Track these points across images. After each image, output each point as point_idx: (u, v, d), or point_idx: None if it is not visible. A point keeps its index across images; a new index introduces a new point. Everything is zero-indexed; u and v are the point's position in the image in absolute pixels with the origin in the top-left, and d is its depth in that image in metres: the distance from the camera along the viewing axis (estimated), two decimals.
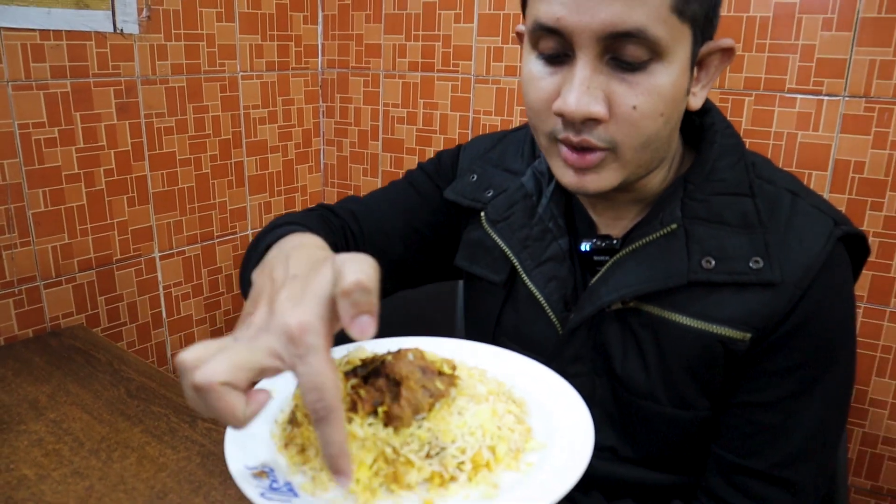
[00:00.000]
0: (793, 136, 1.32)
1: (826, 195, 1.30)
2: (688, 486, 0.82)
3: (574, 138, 0.68)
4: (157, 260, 1.57)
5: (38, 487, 0.90)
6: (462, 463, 0.56)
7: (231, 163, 1.68)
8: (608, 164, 0.70)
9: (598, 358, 0.81)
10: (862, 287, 1.31)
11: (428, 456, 0.56)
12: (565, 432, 0.61)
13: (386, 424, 0.57)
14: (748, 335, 0.72)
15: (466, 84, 1.66)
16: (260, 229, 1.70)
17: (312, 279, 0.50)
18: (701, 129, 0.79)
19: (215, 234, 1.68)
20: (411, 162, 1.79)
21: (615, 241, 0.80)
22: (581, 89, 0.65)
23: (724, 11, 1.31)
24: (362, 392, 0.59)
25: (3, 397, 1.12)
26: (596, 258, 0.80)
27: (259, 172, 1.76)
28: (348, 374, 0.62)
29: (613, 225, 0.83)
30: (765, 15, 1.29)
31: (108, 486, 0.91)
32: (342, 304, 0.48)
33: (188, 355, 0.47)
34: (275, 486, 0.54)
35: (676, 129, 0.74)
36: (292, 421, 0.61)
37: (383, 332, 0.75)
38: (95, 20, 1.35)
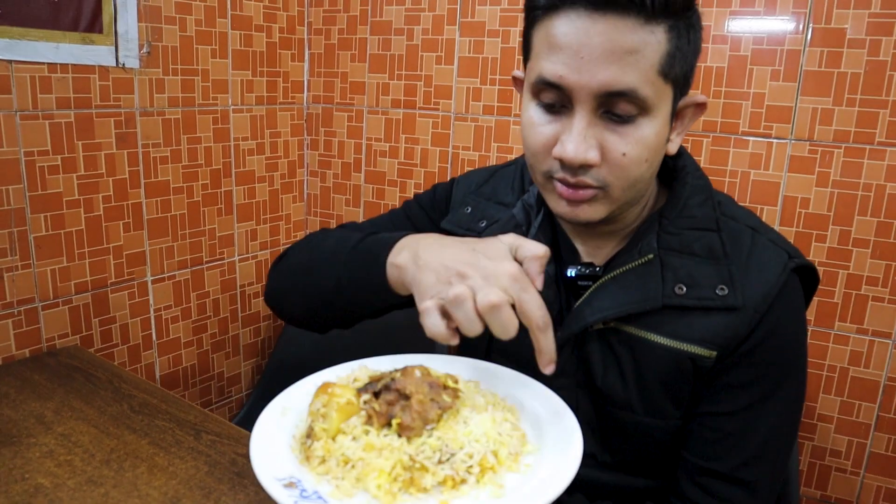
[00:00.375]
0: (746, 174, 1.45)
1: (776, 229, 1.43)
2: (660, 489, 0.92)
3: (571, 179, 0.79)
4: (150, 284, 1.62)
5: (55, 495, 0.95)
6: (470, 467, 0.64)
7: (221, 191, 1.75)
8: (599, 200, 0.80)
9: (580, 372, 0.90)
10: (808, 312, 1.43)
11: (440, 462, 0.64)
12: (555, 435, 0.71)
13: (399, 435, 0.65)
14: (714, 353, 0.82)
15: (446, 121, 1.77)
16: (246, 255, 1.77)
17: (491, 250, 0.72)
18: (674, 170, 0.90)
19: (204, 259, 1.74)
20: (392, 193, 1.89)
21: (598, 269, 0.89)
22: (579, 139, 0.76)
23: None
24: (376, 406, 0.67)
25: (9, 413, 1.16)
26: (580, 283, 0.90)
27: (247, 201, 1.83)
28: (360, 391, 0.71)
29: (595, 253, 0.92)
30: (720, 65, 1.43)
31: (123, 493, 0.96)
32: (533, 265, 0.71)
33: (458, 289, 0.67)
34: (304, 494, 0.62)
35: (656, 172, 0.85)
36: (310, 435, 0.68)
37: (374, 351, 0.85)
38: (100, 55, 1.42)
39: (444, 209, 1.07)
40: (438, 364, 0.79)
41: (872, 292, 1.39)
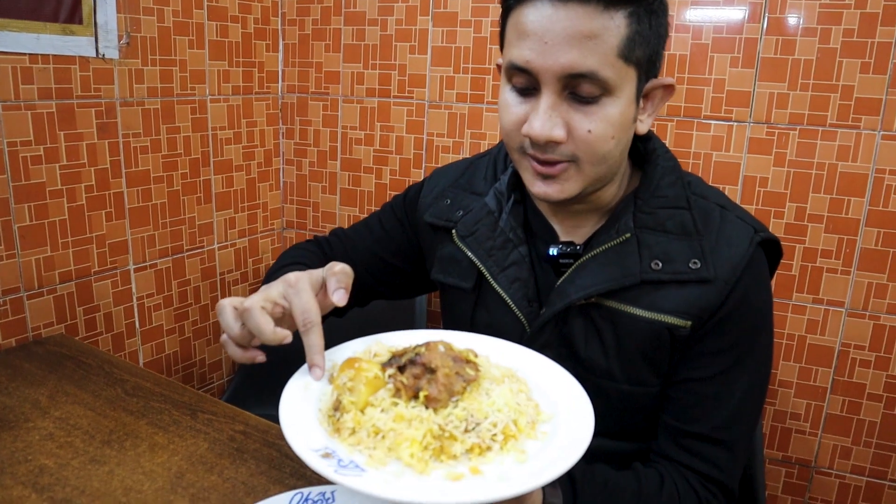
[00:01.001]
0: (709, 155, 1.53)
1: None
2: (643, 452, 0.98)
3: (540, 156, 0.84)
4: (132, 272, 1.64)
5: (60, 474, 0.97)
6: (495, 435, 0.68)
7: (200, 180, 1.77)
8: (570, 175, 0.86)
9: (563, 345, 0.95)
10: None
11: (466, 430, 0.68)
12: (566, 404, 0.75)
13: (426, 407, 0.70)
14: (689, 322, 0.88)
15: (421, 109, 1.82)
16: (225, 243, 1.80)
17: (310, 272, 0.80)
18: (645, 153, 0.96)
19: (185, 247, 1.76)
20: (368, 180, 1.93)
21: (578, 247, 0.95)
22: (545, 117, 0.81)
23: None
24: (404, 380, 0.71)
25: (3, 399, 1.17)
26: (562, 261, 0.96)
27: (225, 189, 1.85)
28: (385, 365, 0.75)
29: (574, 232, 0.98)
30: (683, 53, 1.51)
31: (128, 470, 0.99)
32: (330, 281, 0.79)
33: (229, 299, 0.78)
34: (342, 464, 0.65)
35: (626, 150, 0.90)
36: (338, 408, 0.72)
37: (353, 331, 0.90)
38: (80, 45, 1.43)
39: (413, 208, 1.14)
40: (451, 338, 0.84)
41: (827, 264, 1.48)
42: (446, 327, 1.13)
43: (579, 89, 0.81)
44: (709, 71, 1.50)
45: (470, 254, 1.01)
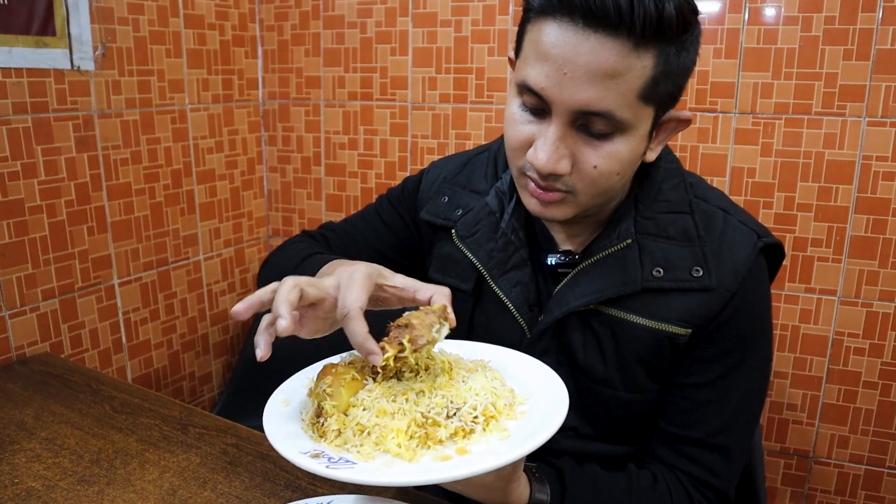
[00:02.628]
0: (696, 148, 1.53)
1: None
2: (638, 455, 0.97)
3: (542, 183, 0.81)
4: (117, 287, 1.61)
5: (48, 496, 0.95)
6: (476, 417, 0.71)
7: (182, 191, 1.74)
8: (567, 202, 0.83)
9: (562, 352, 0.94)
10: None
11: (448, 416, 0.71)
12: (539, 387, 0.77)
13: (415, 351, 0.72)
14: (689, 330, 0.87)
15: (404, 111, 1.80)
16: (210, 254, 1.78)
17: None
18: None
19: (170, 259, 1.74)
20: (354, 185, 1.91)
21: (576, 256, 0.94)
22: (551, 149, 0.77)
23: None
24: (386, 342, 0.73)
25: None
26: (560, 270, 0.94)
27: (208, 199, 1.83)
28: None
29: (571, 241, 0.96)
30: None
31: (118, 490, 0.97)
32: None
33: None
34: (332, 461, 0.66)
35: (628, 181, 0.88)
36: (320, 415, 0.73)
37: (341, 345, 0.90)
38: (54, 58, 1.40)
39: (412, 202, 1.11)
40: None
41: (817, 253, 1.48)
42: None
43: (591, 125, 0.77)
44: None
45: (470, 255, 0.99)
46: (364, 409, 0.71)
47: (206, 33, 1.75)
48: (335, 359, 0.85)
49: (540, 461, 0.86)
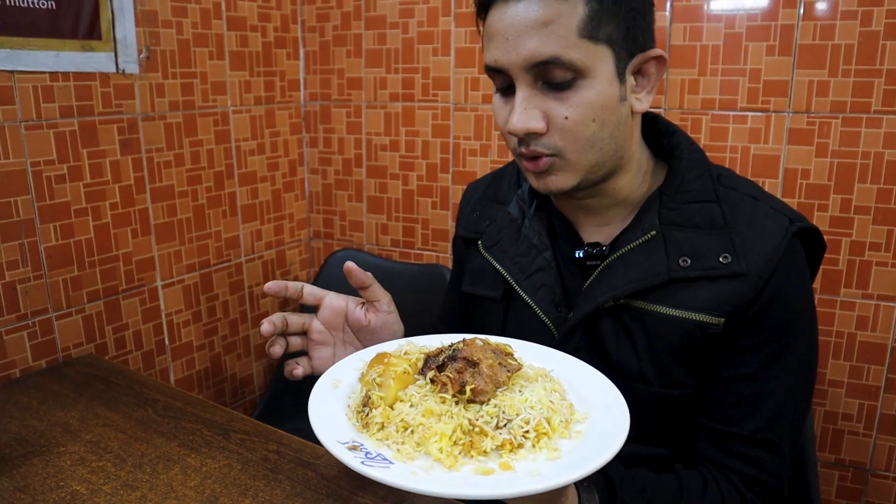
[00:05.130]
0: (746, 148, 1.48)
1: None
2: (679, 457, 0.94)
3: (525, 150, 0.85)
4: (160, 289, 1.62)
5: (92, 500, 0.95)
6: (527, 432, 0.68)
7: (224, 193, 1.75)
8: (559, 168, 0.86)
9: (594, 349, 0.93)
10: (815, 281, 1.46)
11: (497, 427, 0.68)
12: (601, 406, 0.74)
13: (471, 400, 0.69)
14: (722, 319, 0.85)
15: (446, 112, 1.78)
16: (252, 256, 1.78)
17: None
18: (670, 147, 0.94)
19: (212, 261, 1.75)
20: (395, 187, 1.90)
21: (604, 248, 0.94)
22: (520, 110, 0.83)
23: (682, 41, 1.47)
24: (449, 374, 0.70)
25: (34, 424, 1.16)
26: (588, 263, 0.94)
27: (250, 202, 1.84)
28: (424, 368, 0.74)
29: (599, 232, 0.97)
30: (716, 43, 1.45)
31: (160, 495, 0.97)
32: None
33: None
34: (369, 456, 0.64)
35: (623, 131, 0.88)
36: (367, 404, 0.72)
37: None
38: (100, 62, 1.42)
39: (460, 254, 1.18)
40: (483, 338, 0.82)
41: (876, 257, 1.42)
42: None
43: (550, 76, 0.82)
44: (743, 61, 1.44)
45: (494, 263, 1.01)
46: (411, 406, 0.70)
47: (249, 35, 1.76)
48: (391, 346, 0.85)
49: None
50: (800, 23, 1.38)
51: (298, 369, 1.00)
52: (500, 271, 1.01)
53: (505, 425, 0.68)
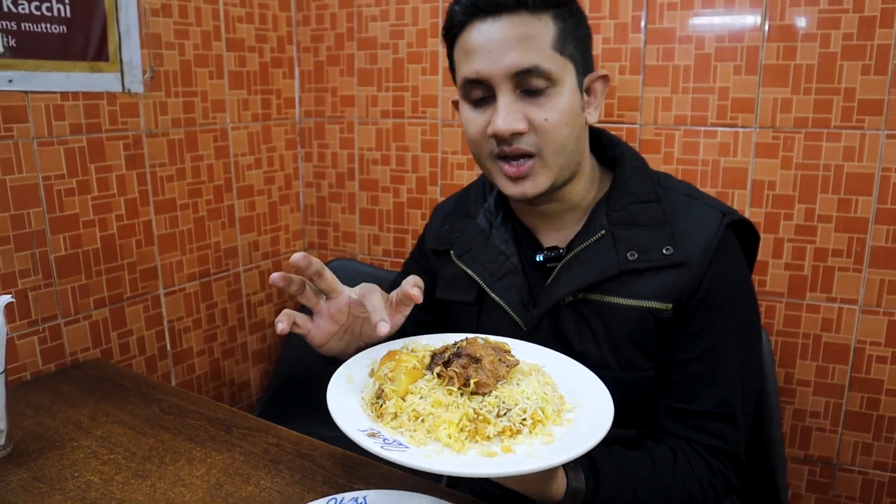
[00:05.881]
0: (717, 162, 1.57)
1: (747, 210, 1.55)
2: (648, 438, 1.03)
3: (508, 149, 0.95)
4: (162, 297, 1.70)
5: (106, 489, 1.02)
6: (524, 420, 0.76)
7: (224, 206, 1.84)
8: (537, 170, 0.96)
9: (559, 340, 1.03)
10: (781, 284, 1.56)
11: (498, 415, 0.76)
12: (588, 397, 0.83)
13: (475, 392, 0.78)
14: (670, 305, 0.96)
15: (434, 128, 1.87)
16: (250, 265, 1.85)
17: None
18: (614, 157, 1.06)
19: (211, 271, 1.83)
20: (386, 199, 1.99)
21: (561, 251, 1.04)
22: (505, 113, 0.93)
23: (655, 61, 1.57)
24: (455, 369, 0.79)
25: (48, 421, 1.23)
26: (549, 265, 1.05)
27: (248, 214, 1.92)
28: (431, 364, 0.83)
29: (556, 236, 1.08)
30: (687, 64, 1.55)
31: (169, 484, 1.04)
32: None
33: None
34: (387, 442, 0.72)
35: (582, 140, 1.00)
36: (380, 396, 0.80)
37: None
38: (107, 81, 1.50)
39: (423, 250, 1.26)
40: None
41: (838, 263, 1.51)
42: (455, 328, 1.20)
43: (529, 84, 0.93)
44: (713, 80, 1.54)
45: (467, 269, 1.11)
46: (421, 398, 0.77)
47: (247, 55, 1.85)
48: (397, 344, 0.93)
49: None
50: (764, 44, 1.48)
51: (283, 324, 0.91)
52: (472, 277, 1.10)
53: (505, 414, 0.76)
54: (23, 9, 1.33)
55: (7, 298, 1.09)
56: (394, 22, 1.87)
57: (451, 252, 1.14)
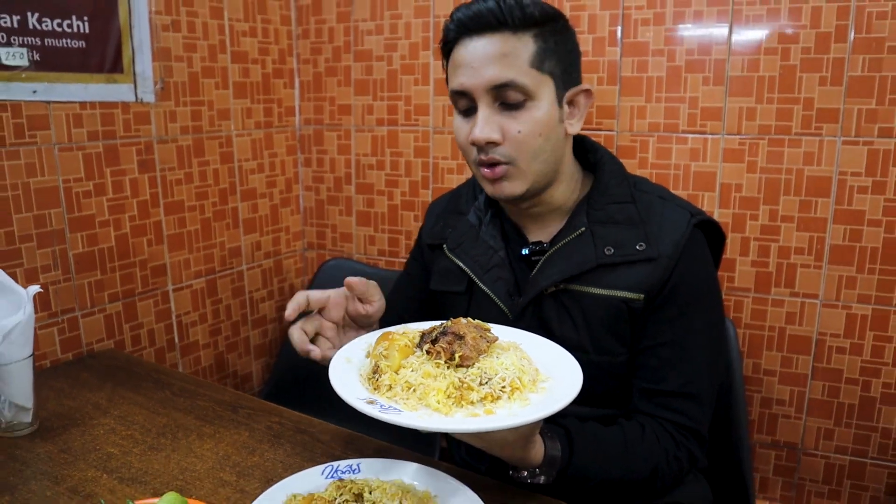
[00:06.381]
0: (688, 166, 1.69)
1: (716, 211, 1.67)
2: (619, 417, 1.13)
3: (485, 157, 1.06)
4: (171, 292, 1.81)
5: (125, 459, 1.13)
6: (504, 387, 0.88)
7: (228, 207, 1.95)
8: (512, 175, 1.07)
9: (541, 326, 1.13)
10: (748, 280, 1.67)
11: (481, 384, 0.88)
12: (560, 370, 0.94)
13: (460, 365, 0.89)
14: (641, 296, 1.07)
15: (426, 135, 1.99)
16: (252, 264, 1.95)
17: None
18: (595, 162, 1.17)
19: (216, 269, 1.94)
20: (381, 202, 2.10)
21: (545, 245, 1.15)
22: (482, 124, 1.04)
23: (631, 73, 1.68)
24: (443, 345, 0.91)
25: (69, 403, 1.34)
26: (533, 258, 1.16)
27: (251, 216, 2.03)
28: (421, 342, 0.94)
29: (541, 233, 1.18)
30: (659, 75, 1.67)
31: (181, 455, 1.15)
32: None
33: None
34: (383, 407, 0.84)
35: (560, 148, 1.10)
36: (376, 371, 0.92)
37: None
38: (121, 92, 1.62)
39: (419, 247, 1.38)
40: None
41: (800, 260, 1.62)
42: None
43: (507, 98, 1.03)
44: (684, 90, 1.66)
45: (458, 262, 1.21)
46: (412, 371, 0.89)
47: (250, 67, 1.97)
48: (393, 329, 1.05)
49: (547, 423, 1.03)
50: (730, 57, 1.60)
51: (316, 351, 1.10)
52: (463, 269, 1.21)
53: (486, 382, 0.87)
54: (46, 26, 1.45)
55: (36, 288, 1.21)
56: (388, 36, 1.98)
57: (444, 246, 1.24)
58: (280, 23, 2.06)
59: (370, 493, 0.93)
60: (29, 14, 1.41)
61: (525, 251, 1.16)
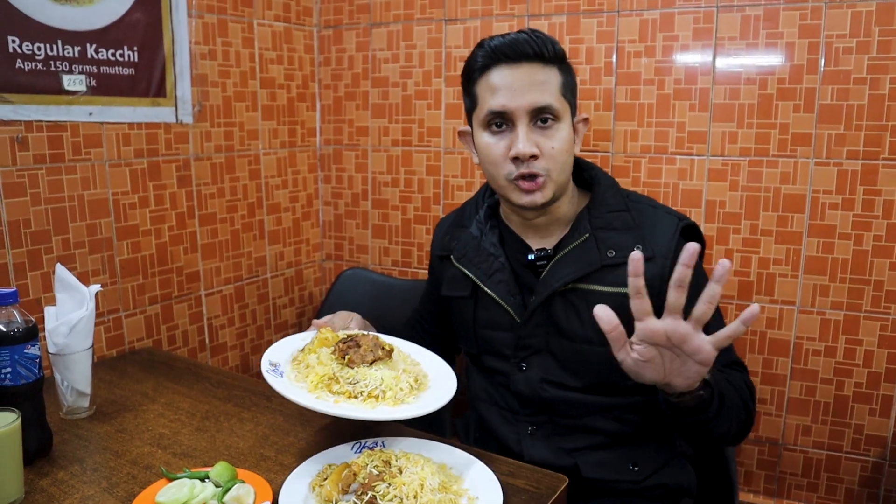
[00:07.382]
0: (676, 185, 1.85)
1: (702, 226, 1.82)
2: (626, 406, 1.28)
3: (526, 171, 1.20)
4: (203, 297, 1.97)
5: (175, 438, 1.27)
6: (362, 391, 1.11)
7: (255, 220, 2.10)
8: (546, 185, 1.22)
9: (550, 324, 1.28)
10: (731, 288, 1.82)
11: (350, 383, 1.12)
12: (439, 375, 1.21)
13: (347, 365, 1.15)
14: None
15: (437, 156, 2.15)
16: (276, 273, 2.11)
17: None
18: (591, 178, 1.33)
19: (244, 276, 2.09)
20: (395, 216, 2.25)
21: (550, 251, 1.30)
22: (525, 140, 1.19)
23: (624, 100, 1.85)
24: (340, 345, 1.18)
25: (119, 392, 1.49)
26: (538, 264, 1.30)
27: (275, 228, 2.18)
28: (340, 342, 1.20)
29: (542, 241, 1.33)
30: (650, 102, 1.84)
31: (225, 435, 1.29)
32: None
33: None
34: (275, 371, 1.13)
35: (572, 164, 1.27)
36: (302, 351, 1.20)
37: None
38: (164, 114, 1.79)
39: (431, 262, 1.55)
40: (391, 340, 1.31)
41: (778, 270, 1.78)
42: (455, 330, 1.49)
43: (541, 118, 1.20)
44: (672, 115, 1.82)
45: (464, 269, 1.37)
46: (315, 357, 1.18)
47: (276, 92, 2.13)
48: (339, 328, 1.34)
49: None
50: (714, 87, 1.77)
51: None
52: (468, 275, 1.36)
53: (355, 384, 1.12)
54: (102, 55, 1.62)
55: (97, 287, 1.37)
56: (403, 64, 2.15)
57: (452, 256, 1.40)
58: (304, 51, 2.22)
59: (396, 460, 1.08)
60: (88, 45, 1.59)
61: (531, 257, 1.30)
